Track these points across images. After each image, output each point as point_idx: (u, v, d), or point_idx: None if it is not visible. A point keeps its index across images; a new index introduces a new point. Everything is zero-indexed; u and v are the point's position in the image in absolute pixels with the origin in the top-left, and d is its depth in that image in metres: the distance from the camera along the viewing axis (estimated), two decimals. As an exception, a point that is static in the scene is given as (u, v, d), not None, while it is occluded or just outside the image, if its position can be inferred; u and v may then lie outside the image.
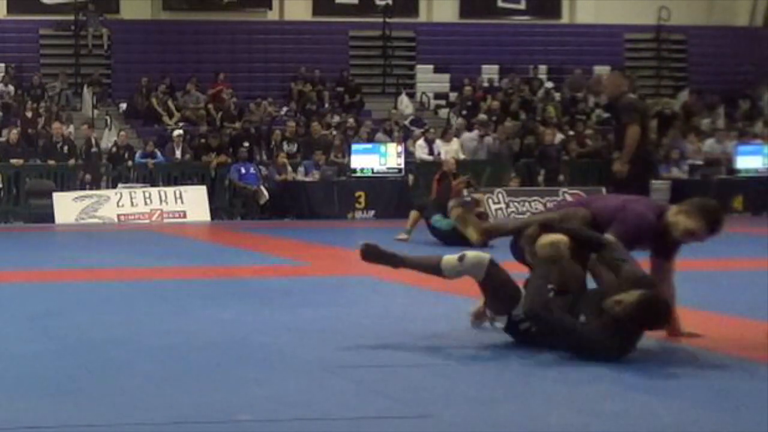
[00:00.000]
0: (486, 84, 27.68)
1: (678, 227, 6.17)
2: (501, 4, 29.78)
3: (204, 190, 21.24)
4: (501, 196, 21.18)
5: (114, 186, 21.44)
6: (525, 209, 20.76)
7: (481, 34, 28.62)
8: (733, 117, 27.28)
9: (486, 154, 23.58)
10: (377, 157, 21.61)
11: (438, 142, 23.23)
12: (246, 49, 27.78)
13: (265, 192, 21.27)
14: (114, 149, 22.38)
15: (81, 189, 20.94)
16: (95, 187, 21.30)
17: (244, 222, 20.86)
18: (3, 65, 26.26)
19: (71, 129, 23.36)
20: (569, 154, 23.39)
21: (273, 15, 28.82)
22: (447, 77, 28.33)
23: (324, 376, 5.58)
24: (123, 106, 26.03)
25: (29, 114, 23.77)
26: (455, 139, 23.54)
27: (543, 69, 28.59)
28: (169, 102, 25.38)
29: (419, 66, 28.66)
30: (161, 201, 20.72)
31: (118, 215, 20.36)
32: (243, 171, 21.56)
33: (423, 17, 29.38)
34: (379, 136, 23.53)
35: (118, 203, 20.49)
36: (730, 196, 22.17)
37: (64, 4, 27.32)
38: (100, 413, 4.76)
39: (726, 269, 6.49)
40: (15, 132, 22.06)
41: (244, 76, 27.28)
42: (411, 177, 22.03)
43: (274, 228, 18.81)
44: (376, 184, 21.48)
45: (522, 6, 29.85)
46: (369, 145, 22.38)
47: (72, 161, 21.74)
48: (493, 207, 20.71)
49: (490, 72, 28.32)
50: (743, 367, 5.87)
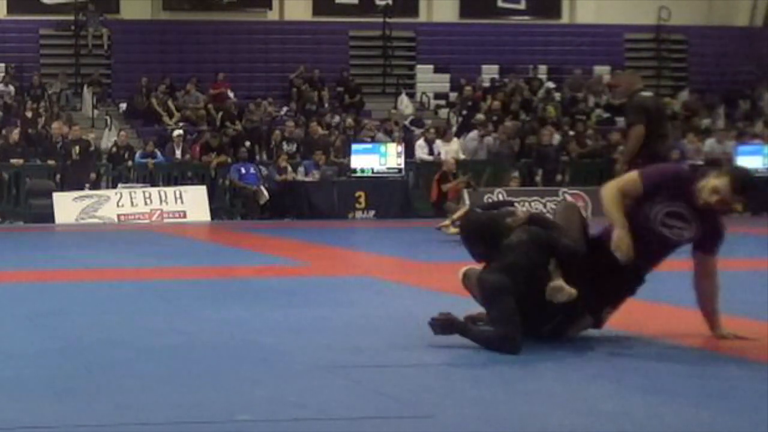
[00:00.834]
0: (486, 84, 27.69)
1: (706, 187, 6.23)
2: (501, 4, 29.78)
3: (204, 190, 21.25)
4: (501, 196, 21.17)
5: (114, 186, 21.45)
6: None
7: (481, 34, 28.63)
8: (733, 117, 27.28)
9: (486, 154, 23.59)
10: (377, 157, 21.62)
11: (438, 142, 23.24)
12: (246, 49, 27.79)
13: (265, 192, 21.28)
14: (114, 149, 22.40)
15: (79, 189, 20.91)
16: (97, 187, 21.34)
17: (244, 222, 20.87)
18: (3, 65, 26.27)
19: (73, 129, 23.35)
20: (569, 154, 23.39)
21: (273, 15, 28.83)
22: (447, 77, 28.34)
23: (324, 376, 5.57)
24: (123, 106, 26.04)
25: (29, 114, 23.78)
26: (455, 139, 23.54)
27: (543, 69, 28.60)
28: (169, 102, 25.39)
29: (419, 66, 28.67)
30: (161, 201, 20.73)
31: (118, 215, 20.37)
32: (243, 171, 21.57)
33: (423, 17, 29.39)
34: (380, 136, 23.53)
35: (118, 203, 20.50)
36: (729, 196, 22.15)
37: (64, 4, 27.33)
38: (100, 413, 4.76)
39: (726, 269, 6.49)
40: (15, 132, 22.06)
41: (244, 76, 27.28)
42: (411, 177, 22.07)
43: (274, 228, 18.81)
44: (376, 184, 21.48)
45: (522, 6, 29.85)
46: (369, 145, 22.40)
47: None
48: (493, 207, 20.71)
49: (490, 72, 28.33)
50: (743, 367, 5.87)
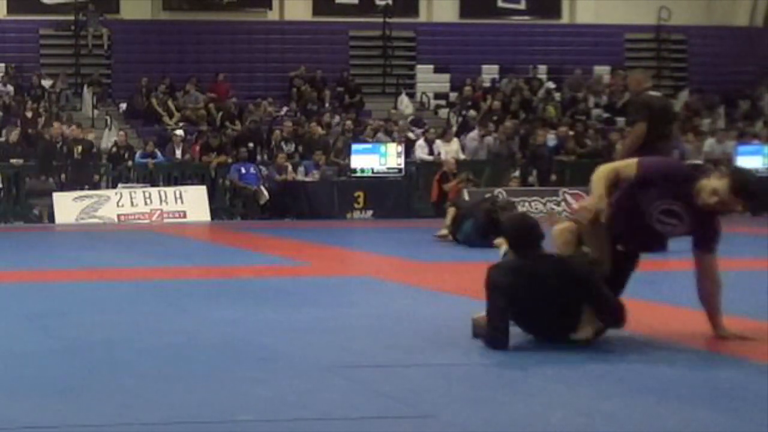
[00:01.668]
0: (487, 84, 27.69)
1: (706, 189, 6.13)
2: (501, 4, 29.78)
3: (204, 190, 21.24)
4: (501, 195, 21.17)
5: (114, 186, 21.45)
6: (525, 209, 20.74)
7: (481, 34, 28.63)
8: (733, 117, 27.27)
9: (486, 154, 23.59)
10: (377, 157, 21.62)
11: (438, 142, 23.24)
12: (246, 49, 27.79)
13: (265, 192, 21.27)
14: (114, 149, 22.40)
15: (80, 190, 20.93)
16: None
17: (244, 222, 20.86)
18: (3, 65, 26.26)
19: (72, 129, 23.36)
20: (569, 154, 23.37)
21: (273, 15, 28.82)
22: (447, 77, 28.34)
23: (324, 376, 5.57)
24: (123, 106, 26.04)
25: (29, 114, 23.78)
26: (455, 139, 23.55)
27: (543, 69, 28.59)
28: (169, 102, 25.39)
29: (419, 66, 28.67)
30: (161, 201, 20.72)
31: (118, 215, 20.36)
32: (243, 171, 21.56)
33: (423, 17, 29.39)
34: (380, 136, 23.53)
35: (118, 203, 20.49)
36: (730, 195, 22.15)
37: (64, 4, 27.32)
38: (100, 413, 4.76)
39: (726, 269, 6.48)
40: (15, 132, 22.06)
41: (244, 76, 27.29)
42: (411, 177, 22.08)
43: (274, 228, 18.81)
44: (375, 184, 21.49)
45: (522, 6, 29.85)
46: (369, 145, 22.40)
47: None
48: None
49: (490, 72, 28.33)
50: (743, 367, 5.87)
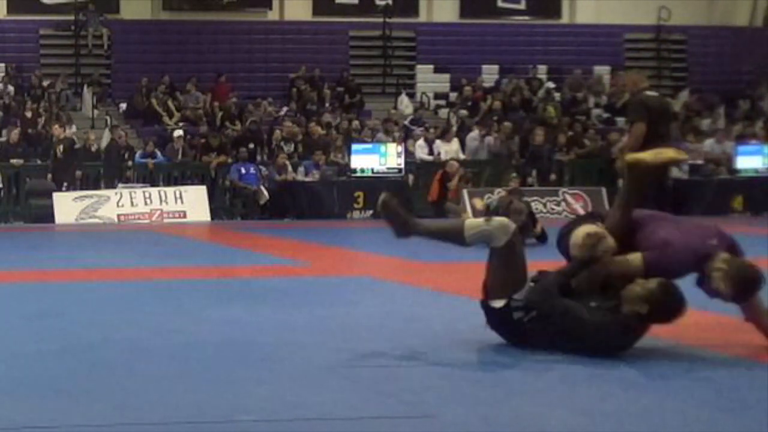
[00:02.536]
0: (486, 84, 27.69)
1: (711, 282, 6.08)
2: (501, 4, 29.76)
3: (204, 190, 21.23)
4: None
5: (114, 186, 21.45)
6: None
7: (481, 34, 28.62)
8: (733, 117, 27.26)
9: (486, 153, 23.59)
10: (377, 157, 21.62)
11: (438, 142, 23.24)
12: (246, 49, 27.77)
13: (265, 192, 21.26)
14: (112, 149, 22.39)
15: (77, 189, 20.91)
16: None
17: (244, 222, 20.85)
18: (3, 65, 26.26)
19: (73, 129, 23.37)
20: (569, 154, 23.37)
21: (273, 15, 28.81)
22: (447, 77, 28.32)
23: (324, 376, 5.57)
24: (123, 106, 26.03)
25: (29, 114, 23.78)
26: (455, 139, 23.54)
27: (543, 69, 28.59)
28: (169, 102, 25.39)
29: (419, 66, 28.65)
30: (161, 201, 20.70)
31: (118, 215, 20.35)
32: (243, 171, 21.55)
33: (423, 17, 29.37)
34: (380, 136, 23.53)
35: (118, 203, 20.47)
36: (730, 196, 22.16)
37: (64, 4, 27.31)
38: (100, 413, 4.76)
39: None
40: (15, 132, 22.06)
41: (244, 76, 27.26)
42: (411, 177, 22.06)
43: (274, 228, 18.81)
44: (375, 184, 21.47)
45: (522, 6, 29.83)
46: (369, 145, 22.39)
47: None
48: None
49: (490, 72, 28.32)
50: (743, 367, 5.87)
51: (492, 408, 4.88)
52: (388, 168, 21.54)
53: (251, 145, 22.51)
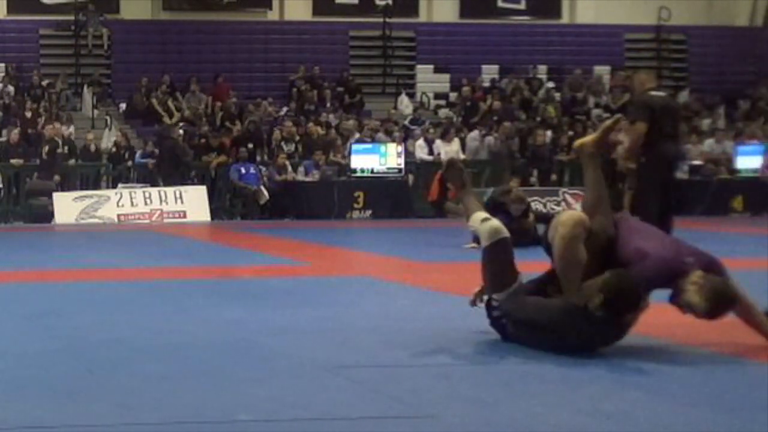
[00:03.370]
0: (486, 84, 27.70)
1: (685, 297, 6.02)
2: (501, 4, 29.77)
3: (204, 190, 21.25)
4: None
5: (114, 186, 21.46)
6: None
7: (481, 34, 28.62)
8: (733, 117, 27.27)
9: (486, 153, 23.60)
10: (377, 157, 21.62)
11: (438, 142, 23.24)
12: (246, 49, 27.79)
13: (265, 192, 21.27)
14: (114, 149, 22.41)
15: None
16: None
17: (244, 222, 20.87)
18: (3, 65, 26.27)
19: (71, 129, 23.38)
20: (569, 154, 23.37)
21: (273, 15, 28.82)
22: (447, 77, 28.34)
23: (324, 376, 5.57)
24: (123, 106, 26.04)
25: (29, 114, 23.78)
26: (456, 139, 23.54)
27: (543, 69, 28.60)
28: (170, 102, 25.39)
29: (419, 66, 28.67)
30: (161, 201, 20.72)
31: (118, 215, 20.37)
32: (243, 171, 21.56)
33: (423, 17, 29.38)
34: (380, 136, 23.54)
35: (118, 203, 20.50)
36: (730, 196, 22.17)
37: (64, 4, 27.32)
38: (100, 413, 4.76)
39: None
40: (15, 132, 22.07)
41: (244, 76, 27.28)
42: (411, 177, 22.07)
43: (274, 228, 18.81)
44: (375, 184, 21.48)
45: (522, 6, 29.85)
46: (369, 145, 22.40)
47: (72, 161, 21.81)
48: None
49: (490, 72, 28.33)
50: (743, 367, 5.87)
51: (492, 408, 4.88)
52: (388, 168, 21.55)
53: (250, 145, 22.52)
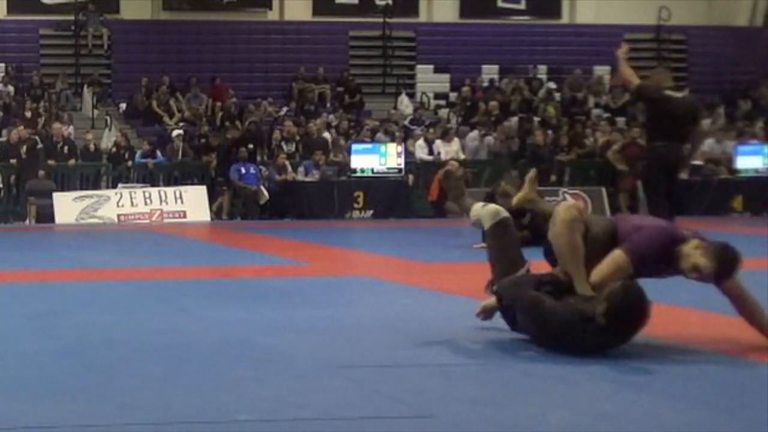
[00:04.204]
0: (486, 84, 27.69)
1: (689, 260, 5.97)
2: (501, 4, 29.77)
3: (204, 190, 21.24)
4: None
5: (114, 186, 21.45)
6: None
7: (481, 34, 28.61)
8: (733, 117, 27.26)
9: (486, 153, 23.59)
10: (377, 157, 21.62)
11: (438, 142, 23.24)
12: (246, 49, 27.78)
13: (265, 192, 21.27)
14: (114, 149, 22.40)
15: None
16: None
17: (244, 222, 20.86)
18: (3, 65, 26.26)
19: (71, 129, 23.37)
20: (570, 154, 23.37)
21: (273, 15, 28.82)
22: (447, 77, 28.32)
23: (324, 376, 5.57)
24: (123, 106, 26.04)
25: (29, 114, 23.78)
26: (456, 139, 23.54)
27: (543, 69, 28.59)
28: (170, 102, 25.39)
29: (419, 66, 28.66)
30: (161, 201, 20.72)
31: (118, 215, 20.37)
32: (243, 171, 21.56)
33: (423, 17, 29.38)
34: (380, 136, 23.53)
35: (118, 203, 20.50)
36: (730, 196, 22.16)
37: (64, 4, 27.31)
38: (100, 413, 4.76)
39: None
40: (15, 132, 22.06)
41: (244, 76, 27.28)
42: (411, 177, 22.07)
43: (274, 228, 18.81)
44: (375, 184, 21.48)
45: (522, 6, 29.84)
46: (369, 145, 22.40)
47: (72, 161, 21.82)
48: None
49: (490, 72, 28.32)
50: (743, 367, 5.87)
51: (492, 408, 4.88)
52: (388, 168, 21.55)
53: (250, 146, 22.51)
